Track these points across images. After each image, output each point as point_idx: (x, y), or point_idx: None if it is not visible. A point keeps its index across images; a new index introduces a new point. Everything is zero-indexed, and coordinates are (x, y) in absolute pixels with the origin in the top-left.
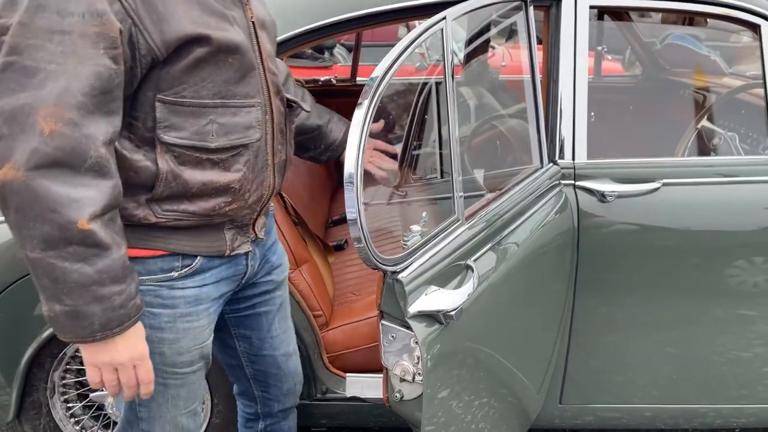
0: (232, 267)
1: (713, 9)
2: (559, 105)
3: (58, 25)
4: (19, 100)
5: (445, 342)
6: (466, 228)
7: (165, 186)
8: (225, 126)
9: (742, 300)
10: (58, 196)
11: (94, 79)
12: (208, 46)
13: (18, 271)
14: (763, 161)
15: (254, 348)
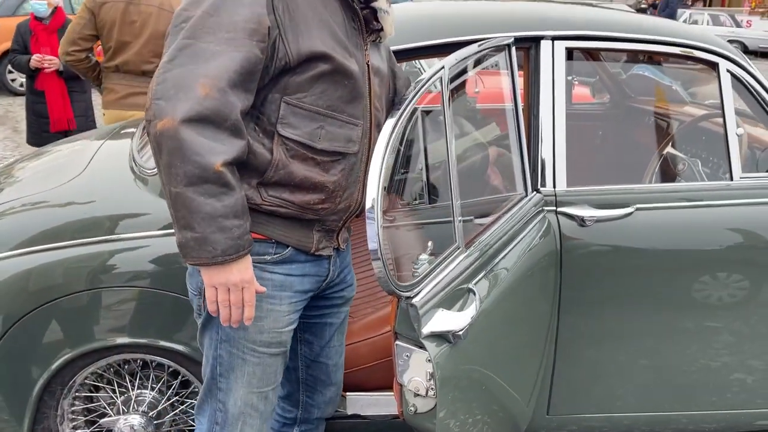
0: (316, 266)
1: (675, 49)
2: (540, 137)
3: (228, 21)
4: (186, 71)
5: (451, 362)
6: (465, 255)
7: (275, 172)
8: (330, 133)
9: (708, 313)
10: (202, 143)
11: (245, 62)
12: (330, 65)
13: (31, 303)
14: (720, 187)
15: (313, 354)
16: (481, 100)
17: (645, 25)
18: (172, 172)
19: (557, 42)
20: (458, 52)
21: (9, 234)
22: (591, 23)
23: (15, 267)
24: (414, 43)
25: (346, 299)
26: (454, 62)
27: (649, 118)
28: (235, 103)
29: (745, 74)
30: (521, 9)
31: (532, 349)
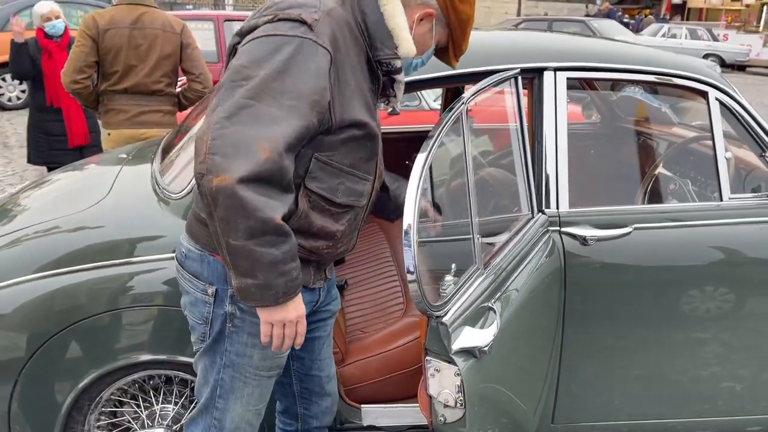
0: (309, 295)
1: (668, 79)
2: (544, 162)
3: (293, 89)
4: (247, 132)
5: (477, 375)
6: (484, 276)
7: (297, 221)
8: (348, 189)
9: (700, 325)
10: (261, 201)
11: (304, 130)
12: (363, 130)
13: (57, 324)
14: (711, 208)
15: (305, 368)
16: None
17: (640, 56)
18: (231, 227)
19: (559, 72)
20: (473, 87)
21: (35, 256)
22: (590, 55)
23: (41, 289)
24: (427, 74)
25: (332, 313)
26: (470, 97)
27: (640, 139)
28: (289, 166)
29: (733, 102)
30: (526, 41)
31: (539, 362)
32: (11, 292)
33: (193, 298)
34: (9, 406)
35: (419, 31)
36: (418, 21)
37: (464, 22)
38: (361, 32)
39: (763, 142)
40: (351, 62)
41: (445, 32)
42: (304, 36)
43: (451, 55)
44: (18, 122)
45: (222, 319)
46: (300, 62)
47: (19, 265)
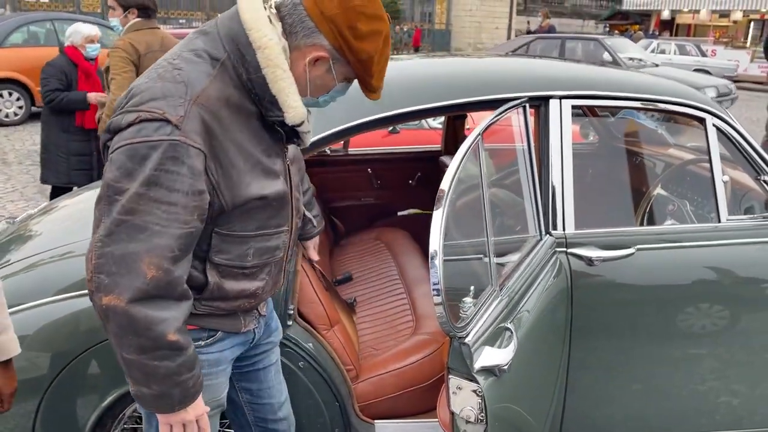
0: (243, 338)
1: (667, 106)
2: (550, 185)
3: (166, 198)
4: (128, 249)
5: (497, 392)
6: (500, 297)
7: (210, 294)
8: (259, 250)
9: (699, 342)
10: (152, 317)
11: (188, 237)
12: (263, 201)
13: (84, 343)
14: (710, 229)
15: (255, 397)
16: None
17: (642, 84)
18: (123, 342)
19: (564, 100)
20: (486, 120)
21: (60, 278)
22: (593, 83)
23: (65, 310)
24: (435, 103)
25: (274, 344)
26: (485, 128)
27: (638, 160)
28: (181, 275)
29: (729, 128)
30: (533, 70)
31: (548, 379)
32: (34, 313)
33: None
34: (34, 423)
35: (315, 72)
36: (312, 64)
37: (365, 61)
38: (249, 91)
39: (758, 166)
40: (235, 140)
41: (349, 69)
42: (171, 138)
43: (364, 91)
44: (15, 138)
45: None
46: (170, 168)
47: (41, 287)
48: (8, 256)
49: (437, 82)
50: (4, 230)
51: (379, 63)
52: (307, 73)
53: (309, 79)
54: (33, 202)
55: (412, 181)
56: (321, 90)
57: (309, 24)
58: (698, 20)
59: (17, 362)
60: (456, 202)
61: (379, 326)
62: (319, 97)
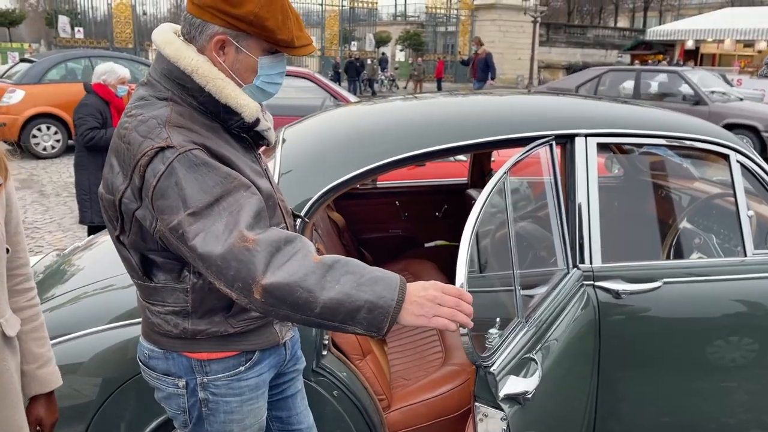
0: (276, 356)
1: (692, 143)
2: (577, 220)
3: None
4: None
5: (521, 421)
6: (526, 329)
7: (238, 307)
8: None
9: (726, 374)
10: (290, 264)
11: (252, 206)
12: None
13: (128, 371)
14: (736, 263)
15: (285, 425)
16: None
17: (666, 121)
18: (299, 303)
19: (590, 138)
20: (512, 158)
21: (110, 308)
22: (618, 121)
23: (116, 338)
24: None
25: (299, 371)
26: (511, 167)
27: (663, 193)
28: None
29: (752, 164)
30: (559, 108)
31: (577, 408)
32: (79, 343)
33: (166, 393)
34: None
35: (229, 59)
36: (219, 52)
37: (255, 21)
38: (204, 112)
39: None
40: (218, 143)
41: (254, 39)
42: (174, 156)
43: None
44: (53, 171)
45: (198, 405)
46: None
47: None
48: (54, 290)
49: (466, 121)
50: (54, 262)
51: (272, 17)
52: (221, 62)
53: (228, 67)
54: (70, 233)
55: (438, 213)
56: (248, 72)
57: (196, 22)
58: (723, 50)
59: (64, 389)
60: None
61: (409, 357)
62: (253, 80)
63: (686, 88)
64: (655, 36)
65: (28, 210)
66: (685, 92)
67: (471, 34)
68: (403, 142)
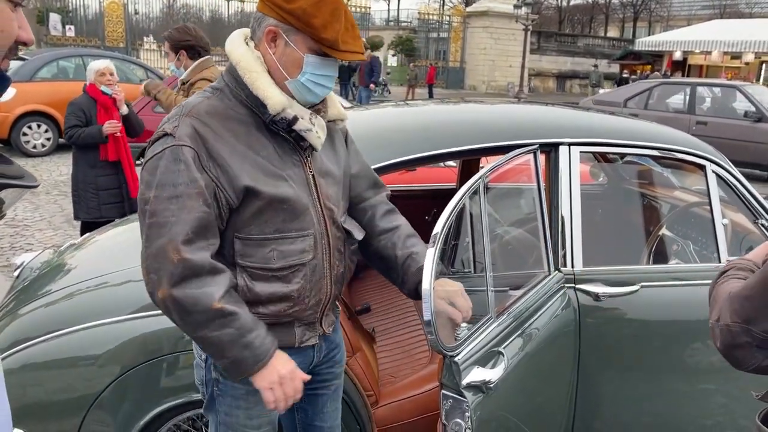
0: (300, 357)
1: (669, 153)
2: (559, 225)
3: (174, 193)
4: (158, 244)
5: (485, 408)
6: (496, 324)
7: (243, 295)
8: (283, 252)
9: (702, 376)
10: (194, 294)
11: (198, 221)
12: (262, 201)
13: (124, 365)
14: (711, 269)
15: (308, 418)
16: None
17: (646, 132)
18: (187, 325)
19: (573, 147)
20: (493, 162)
21: (105, 304)
22: (601, 131)
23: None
24: (450, 149)
25: (336, 374)
26: (488, 172)
27: (645, 201)
28: (202, 254)
29: (727, 174)
30: (544, 118)
31: (556, 405)
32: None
33: (195, 362)
34: None
35: (278, 51)
36: (270, 44)
37: (302, 16)
38: (248, 106)
39: (755, 211)
40: (228, 143)
41: (303, 35)
42: (170, 145)
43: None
44: (43, 169)
45: (211, 383)
46: (171, 167)
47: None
48: (50, 286)
49: (455, 128)
50: (50, 259)
51: (320, 16)
52: (271, 54)
53: (276, 59)
54: (61, 231)
55: (428, 217)
56: (294, 67)
57: (257, 15)
58: (710, 61)
59: (59, 384)
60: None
61: (397, 355)
62: (298, 76)
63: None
64: (644, 46)
65: (18, 208)
66: (746, 108)
67: (463, 41)
68: (392, 148)
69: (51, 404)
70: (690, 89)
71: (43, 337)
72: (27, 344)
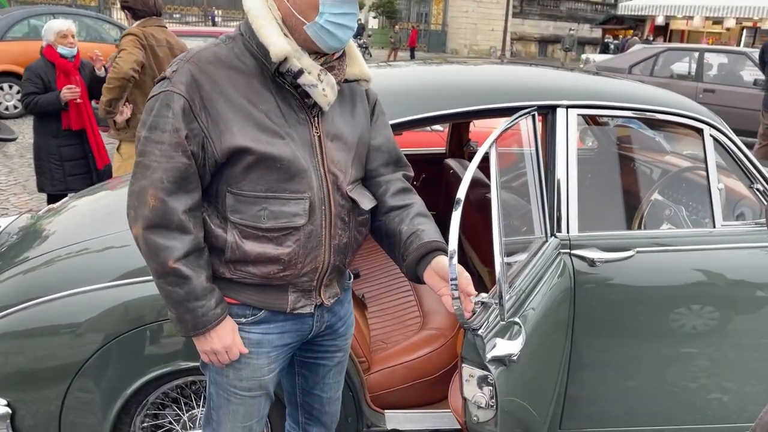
0: (297, 323)
1: (666, 116)
2: (556, 190)
3: (159, 138)
4: (141, 185)
5: (506, 381)
6: (510, 294)
7: (231, 253)
8: (274, 212)
9: (693, 341)
10: (158, 244)
11: (175, 171)
12: (253, 156)
13: (110, 333)
14: (705, 234)
15: (308, 386)
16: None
17: (643, 94)
18: (150, 268)
19: (570, 109)
20: (498, 128)
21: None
22: (598, 93)
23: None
24: (447, 110)
25: (340, 347)
26: (497, 137)
27: (636, 166)
28: (175, 207)
29: (725, 138)
30: (541, 80)
31: (551, 374)
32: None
33: None
34: (61, 409)
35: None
36: None
37: None
38: (256, 56)
39: (751, 175)
40: (224, 93)
41: None
42: (165, 89)
43: None
44: (16, 131)
45: None
46: (162, 112)
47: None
48: (28, 252)
49: (447, 90)
50: (28, 224)
51: None
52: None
53: (290, 4)
54: (36, 196)
55: (416, 183)
56: (310, 9)
57: None
58: (692, 26)
59: (41, 352)
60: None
61: (388, 322)
62: (316, 18)
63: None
64: (627, 11)
65: None
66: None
67: (445, 4)
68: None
69: (34, 372)
70: (698, 55)
71: (24, 304)
72: (6, 312)
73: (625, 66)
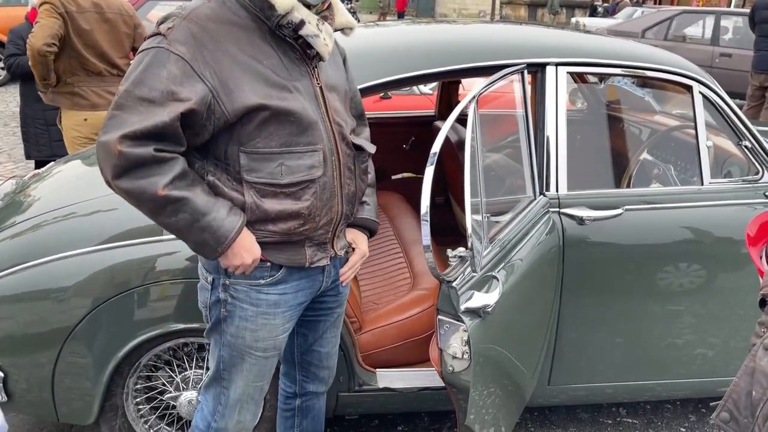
0: (310, 281)
1: (656, 73)
2: (545, 149)
3: (147, 95)
4: (109, 138)
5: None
6: (489, 249)
7: (251, 213)
8: (291, 167)
9: (679, 298)
10: (140, 185)
11: (153, 127)
12: (267, 112)
13: (101, 295)
14: (693, 191)
15: (307, 344)
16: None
17: (633, 52)
18: (145, 213)
19: (560, 67)
20: (480, 85)
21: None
22: (588, 51)
23: (82, 264)
24: (435, 69)
25: (339, 303)
26: (481, 91)
27: (625, 126)
28: (145, 148)
29: (714, 95)
30: (530, 37)
31: (538, 329)
32: (48, 269)
33: (200, 284)
34: (53, 372)
35: None
36: None
37: None
38: (253, 11)
39: (740, 132)
40: (229, 52)
41: None
42: (158, 45)
43: None
44: (0, 99)
45: (218, 305)
46: (154, 70)
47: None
48: (14, 217)
49: (436, 48)
50: (13, 190)
51: None
52: None
53: None
54: (22, 164)
55: (406, 146)
56: None
57: None
58: None
59: (30, 317)
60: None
61: (379, 283)
62: None
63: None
64: None
65: None
66: None
67: None
68: (370, 69)
69: (25, 337)
70: (714, 18)
71: (12, 269)
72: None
73: (638, 30)
